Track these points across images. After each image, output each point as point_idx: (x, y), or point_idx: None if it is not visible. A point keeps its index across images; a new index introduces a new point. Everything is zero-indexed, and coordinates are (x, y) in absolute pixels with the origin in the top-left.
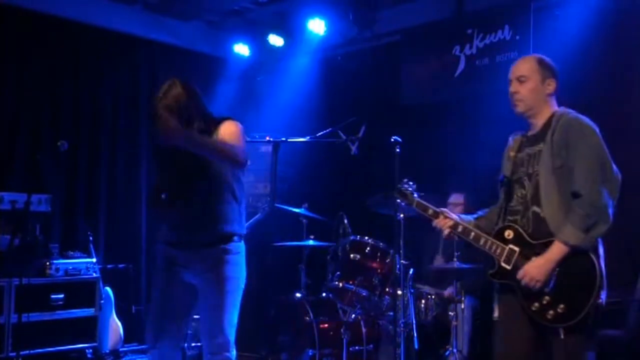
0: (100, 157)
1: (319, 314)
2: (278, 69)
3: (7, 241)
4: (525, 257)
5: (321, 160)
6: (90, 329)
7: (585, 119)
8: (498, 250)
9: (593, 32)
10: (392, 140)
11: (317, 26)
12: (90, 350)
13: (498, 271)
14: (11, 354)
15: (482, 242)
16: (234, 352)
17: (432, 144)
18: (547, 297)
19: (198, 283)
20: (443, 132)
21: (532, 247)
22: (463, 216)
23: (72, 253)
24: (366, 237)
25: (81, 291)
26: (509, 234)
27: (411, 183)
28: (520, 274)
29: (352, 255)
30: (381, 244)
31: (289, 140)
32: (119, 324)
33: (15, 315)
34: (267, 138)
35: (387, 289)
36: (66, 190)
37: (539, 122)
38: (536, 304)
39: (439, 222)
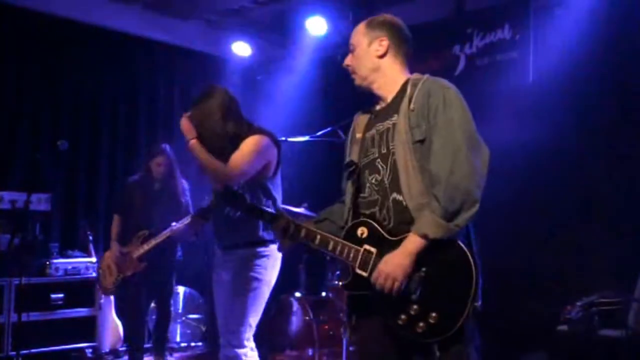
0: (100, 156)
1: (319, 313)
2: (278, 68)
3: (7, 240)
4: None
5: (321, 160)
6: (89, 328)
7: (448, 83)
8: (352, 254)
9: (593, 31)
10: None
11: (316, 26)
12: (90, 350)
13: (352, 280)
14: (11, 354)
15: (331, 246)
16: (245, 350)
17: None
18: (414, 306)
19: (228, 281)
20: None
21: (392, 244)
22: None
23: (71, 252)
24: None
25: (81, 291)
26: (362, 231)
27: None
28: (374, 275)
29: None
30: None
31: (288, 139)
32: (119, 323)
33: (15, 314)
34: None
35: None
36: (66, 189)
37: (386, 92)
38: (403, 316)
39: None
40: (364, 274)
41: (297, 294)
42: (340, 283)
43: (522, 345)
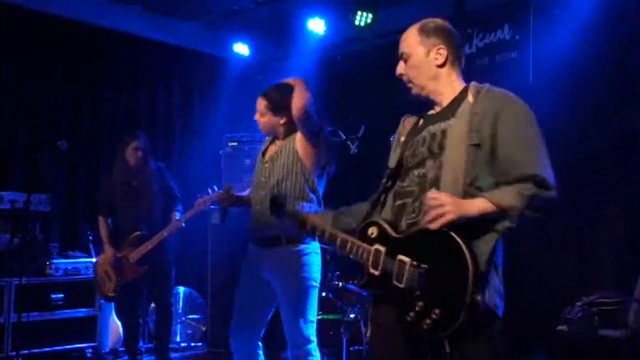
0: (100, 157)
1: (319, 313)
2: (278, 68)
3: (7, 240)
4: (392, 257)
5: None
6: (90, 328)
7: (513, 96)
8: (365, 255)
9: (593, 31)
10: (391, 138)
11: (317, 26)
12: (90, 350)
13: (367, 280)
14: (11, 354)
15: (348, 248)
16: (313, 345)
17: None
18: (420, 303)
19: (273, 280)
20: None
21: (398, 242)
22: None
23: (72, 253)
24: None
25: (81, 291)
26: (372, 231)
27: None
28: (429, 196)
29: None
30: None
31: None
32: (119, 323)
33: (15, 314)
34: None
35: None
36: (66, 190)
37: (444, 98)
38: (411, 314)
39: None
40: (376, 272)
41: None
42: (360, 284)
43: (522, 345)
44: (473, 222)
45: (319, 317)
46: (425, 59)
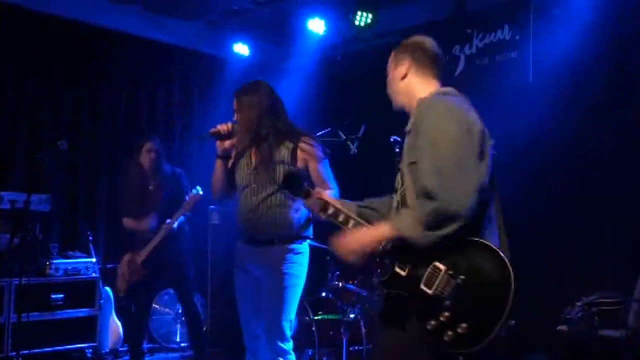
0: (100, 157)
1: (319, 314)
2: (278, 69)
3: (7, 241)
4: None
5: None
6: (90, 328)
7: (439, 101)
8: None
9: (592, 31)
10: (392, 140)
11: (316, 26)
12: (90, 350)
13: (390, 278)
14: (11, 354)
15: (350, 225)
16: (290, 344)
17: None
18: (446, 313)
19: (262, 277)
20: None
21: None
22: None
23: (72, 253)
24: None
25: (81, 291)
26: None
27: None
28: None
29: None
30: None
31: None
32: (119, 323)
33: (15, 315)
34: None
35: None
36: (66, 190)
37: (411, 112)
38: (432, 322)
39: (308, 202)
40: (403, 273)
41: None
42: (378, 279)
43: (522, 345)
44: None
45: (319, 317)
46: (393, 74)
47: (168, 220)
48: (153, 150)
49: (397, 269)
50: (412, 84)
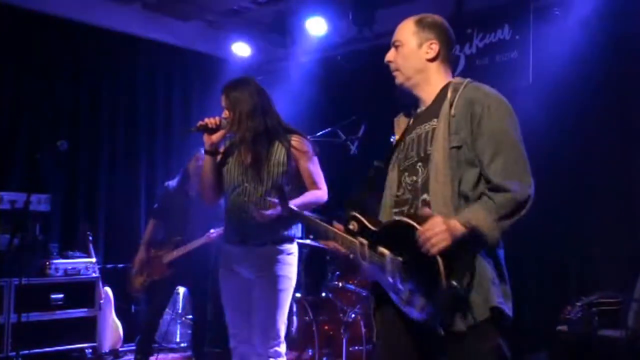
0: (100, 157)
1: (319, 314)
2: (278, 69)
3: (7, 241)
4: (373, 249)
5: (320, 160)
6: (89, 328)
7: (491, 90)
8: (354, 247)
9: (593, 31)
10: (392, 140)
11: (316, 26)
12: (90, 350)
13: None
14: (11, 354)
15: (331, 237)
16: (284, 346)
17: None
18: (422, 299)
19: (253, 279)
20: None
21: (376, 235)
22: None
23: (71, 253)
24: None
25: (81, 291)
26: (353, 226)
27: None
28: (422, 229)
29: (351, 255)
30: None
31: None
32: (119, 323)
33: (15, 315)
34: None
35: None
36: (66, 190)
37: (427, 95)
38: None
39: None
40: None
41: (297, 295)
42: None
43: (522, 345)
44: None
45: (320, 317)
46: (416, 51)
47: (212, 230)
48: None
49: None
50: (437, 68)
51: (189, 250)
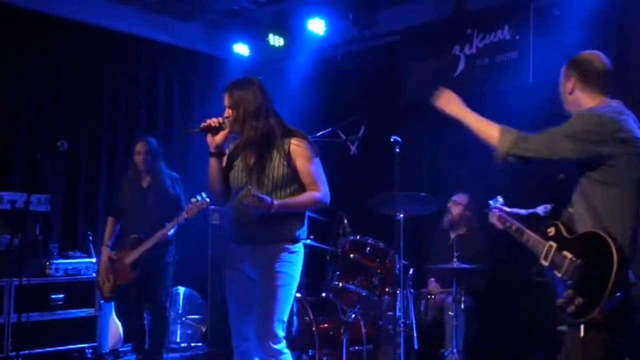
0: (100, 157)
1: (319, 314)
2: (278, 69)
3: (7, 241)
4: (560, 251)
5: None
6: (90, 328)
7: (585, 110)
8: (539, 247)
9: (593, 31)
10: (392, 140)
11: (316, 26)
12: (90, 350)
13: (540, 268)
14: (11, 354)
15: (524, 238)
16: (283, 344)
17: (432, 144)
18: (569, 291)
19: (256, 276)
20: (442, 132)
21: (568, 241)
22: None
23: (71, 253)
24: (366, 237)
25: (81, 291)
26: (550, 230)
27: (501, 200)
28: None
29: (352, 255)
30: (381, 244)
31: None
32: (119, 323)
33: (15, 315)
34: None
35: (387, 289)
36: (66, 190)
37: None
38: (561, 299)
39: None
40: (545, 263)
41: (297, 295)
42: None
43: (522, 345)
44: None
45: (320, 317)
46: (563, 89)
47: (167, 224)
48: (141, 152)
49: (542, 261)
50: (578, 99)
51: (148, 248)
